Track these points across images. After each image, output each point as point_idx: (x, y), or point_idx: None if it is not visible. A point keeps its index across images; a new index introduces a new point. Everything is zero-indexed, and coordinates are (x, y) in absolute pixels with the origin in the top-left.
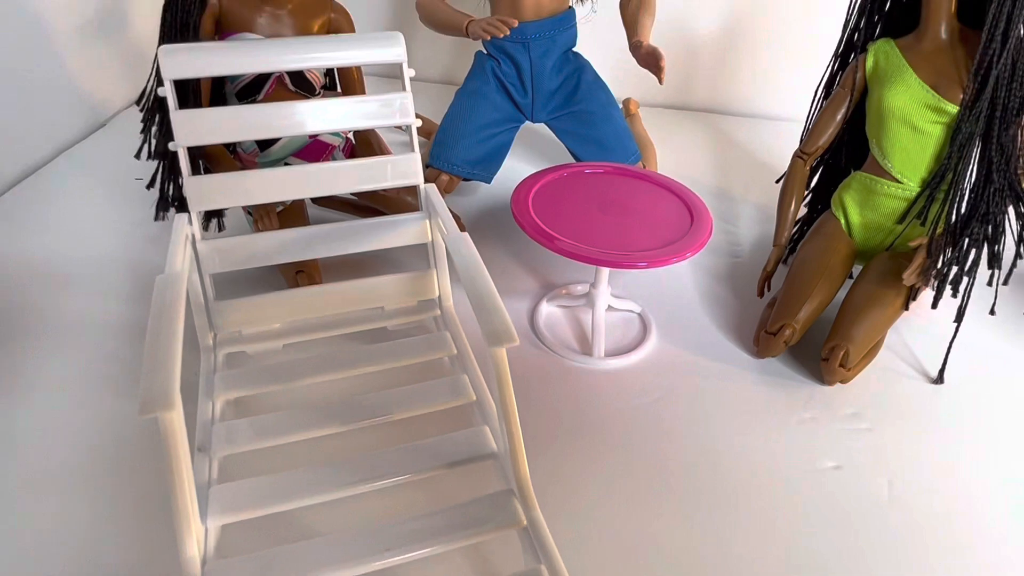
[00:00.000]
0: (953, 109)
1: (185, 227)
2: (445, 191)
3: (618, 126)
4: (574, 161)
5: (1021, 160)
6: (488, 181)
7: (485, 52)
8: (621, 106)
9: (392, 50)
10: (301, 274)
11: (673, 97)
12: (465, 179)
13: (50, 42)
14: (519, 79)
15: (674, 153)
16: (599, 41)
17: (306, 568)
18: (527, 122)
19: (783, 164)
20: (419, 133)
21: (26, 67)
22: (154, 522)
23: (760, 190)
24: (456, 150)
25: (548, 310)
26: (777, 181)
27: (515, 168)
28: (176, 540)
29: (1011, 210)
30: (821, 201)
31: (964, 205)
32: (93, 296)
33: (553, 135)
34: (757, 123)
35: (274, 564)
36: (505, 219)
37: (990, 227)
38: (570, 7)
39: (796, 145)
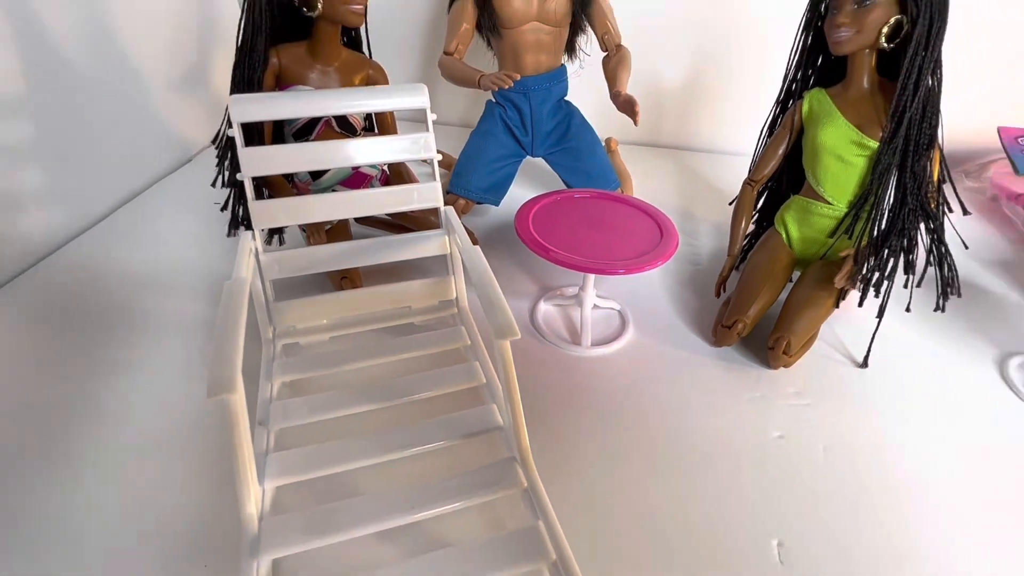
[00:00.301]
0: (874, 145)
1: (249, 242)
2: (462, 212)
3: (602, 160)
4: (566, 188)
5: (930, 186)
6: (497, 204)
7: (494, 100)
8: (604, 143)
9: (418, 98)
10: (345, 279)
11: (646, 136)
12: (478, 203)
13: (149, 91)
14: (521, 122)
15: (647, 182)
16: (587, 90)
17: (346, 523)
18: (528, 156)
19: (735, 190)
20: (441, 166)
21: (129, 111)
22: (227, 483)
23: (716, 211)
24: (471, 179)
25: (545, 308)
26: (730, 203)
27: (519, 193)
28: (238, 500)
29: (922, 226)
30: (766, 219)
31: (884, 222)
32: (181, 298)
33: (549, 167)
34: (715, 157)
35: (318, 519)
36: (511, 234)
37: (906, 240)
38: (563, 64)
39: (746, 175)
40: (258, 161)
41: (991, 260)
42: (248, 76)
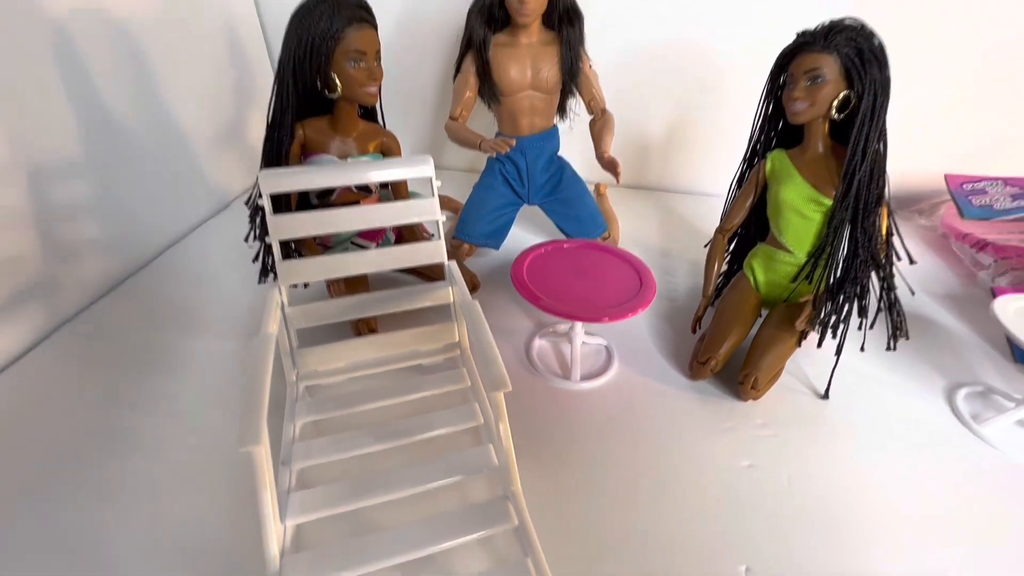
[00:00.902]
0: (828, 202)
1: (276, 297)
2: (467, 255)
3: (590, 207)
4: (559, 230)
5: (879, 238)
6: (497, 248)
7: (495, 157)
8: (593, 187)
9: (424, 168)
10: (362, 324)
11: (631, 179)
12: (481, 247)
13: (191, 147)
14: (519, 176)
15: (631, 221)
16: (577, 143)
17: (360, 559)
18: (525, 204)
19: (709, 228)
20: (448, 208)
21: (174, 165)
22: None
23: (693, 250)
24: (475, 227)
25: (539, 343)
26: (705, 246)
27: (517, 235)
28: (262, 540)
29: (873, 275)
30: (736, 262)
31: (839, 271)
32: (218, 334)
33: (543, 213)
34: (693, 198)
35: (335, 555)
36: (510, 278)
37: (858, 287)
38: (555, 124)
39: (720, 214)
40: (285, 227)
41: (941, 294)
42: (277, 148)
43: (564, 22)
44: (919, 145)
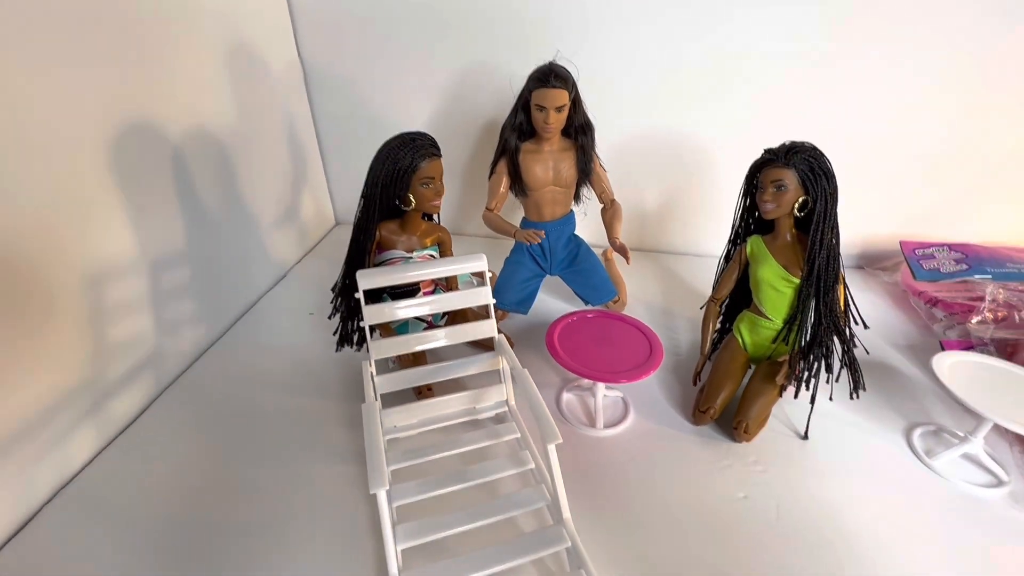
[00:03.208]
0: (796, 280)
1: (368, 369)
2: (500, 320)
3: (603, 275)
4: (576, 295)
5: (838, 308)
6: (525, 313)
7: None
8: (601, 253)
9: (479, 263)
10: (426, 390)
11: (635, 243)
12: (512, 312)
13: (257, 227)
14: (543, 253)
15: (636, 283)
16: (591, 223)
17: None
18: (547, 275)
19: (704, 287)
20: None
21: (244, 243)
22: (351, 551)
23: (691, 308)
24: (506, 296)
25: (567, 396)
26: (701, 307)
27: (542, 298)
28: (386, 561)
29: (835, 339)
30: (729, 321)
31: (808, 335)
32: (292, 390)
33: (563, 281)
34: (688, 258)
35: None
36: (538, 336)
37: (824, 349)
38: (571, 210)
39: (711, 274)
40: (376, 314)
41: (903, 344)
42: (362, 247)
43: (580, 132)
44: (883, 214)
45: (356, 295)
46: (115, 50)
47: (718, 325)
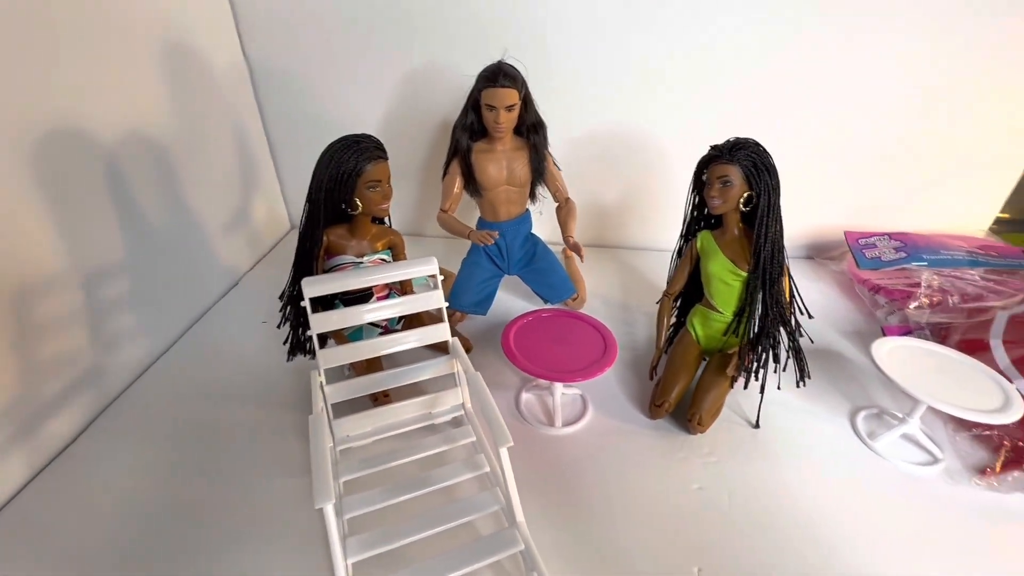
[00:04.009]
0: (744, 274)
1: (317, 379)
2: (458, 322)
3: (561, 274)
4: (535, 294)
5: (783, 300)
6: (484, 314)
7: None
8: (562, 251)
9: (430, 267)
10: (382, 396)
11: (594, 239)
12: (470, 314)
13: (205, 233)
14: (500, 253)
15: (594, 279)
16: (548, 222)
17: None
18: (505, 275)
19: (660, 281)
20: (446, 282)
21: (192, 251)
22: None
23: (648, 303)
24: (464, 298)
25: (525, 396)
26: (657, 302)
27: (501, 298)
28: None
29: (782, 329)
30: (683, 315)
31: (756, 327)
32: (244, 402)
33: (522, 281)
34: (646, 253)
35: None
36: (497, 336)
37: (771, 340)
38: (527, 210)
39: (666, 268)
40: (322, 323)
41: (849, 331)
42: (308, 253)
43: (532, 131)
44: (831, 206)
45: (303, 303)
46: (27, 48)
47: (673, 320)
